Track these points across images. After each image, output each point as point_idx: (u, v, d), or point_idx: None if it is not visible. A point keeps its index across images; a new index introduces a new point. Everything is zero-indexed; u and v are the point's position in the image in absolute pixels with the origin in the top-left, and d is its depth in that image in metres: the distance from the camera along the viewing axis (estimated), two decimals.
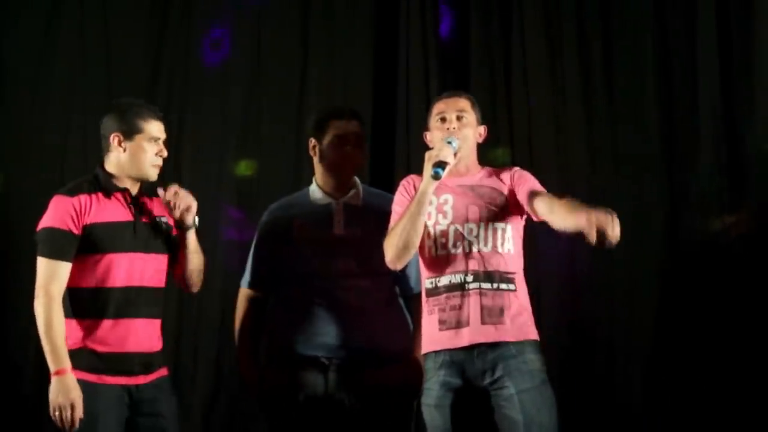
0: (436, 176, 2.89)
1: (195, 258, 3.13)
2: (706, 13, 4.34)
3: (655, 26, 4.43)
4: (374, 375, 3.10)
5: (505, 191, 3.06)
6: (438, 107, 3.14)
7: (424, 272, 3.06)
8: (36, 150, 4.61)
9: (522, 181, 3.04)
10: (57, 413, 2.85)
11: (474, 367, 2.92)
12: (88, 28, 4.72)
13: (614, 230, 2.60)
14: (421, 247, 3.03)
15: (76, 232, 2.95)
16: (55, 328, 2.89)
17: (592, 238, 2.60)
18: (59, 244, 2.94)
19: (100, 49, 4.71)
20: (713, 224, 4.26)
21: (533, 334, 2.99)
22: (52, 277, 2.92)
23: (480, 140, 3.16)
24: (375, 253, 3.03)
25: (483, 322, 2.92)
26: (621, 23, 4.50)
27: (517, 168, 3.15)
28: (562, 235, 2.83)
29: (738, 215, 4.22)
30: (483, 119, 3.16)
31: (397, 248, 2.94)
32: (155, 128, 3.06)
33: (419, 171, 3.07)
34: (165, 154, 3.08)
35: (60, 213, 2.96)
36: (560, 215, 2.81)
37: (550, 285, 4.28)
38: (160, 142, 3.07)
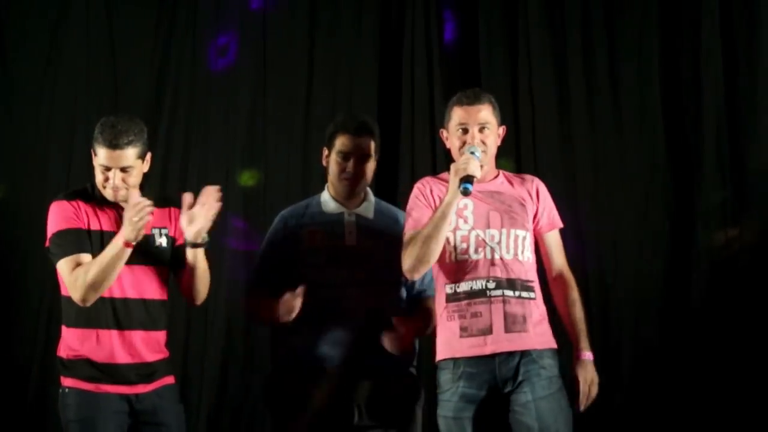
0: (465, 192, 2.85)
1: (204, 274, 3.11)
2: (710, 25, 4.33)
3: (660, 38, 4.42)
4: (380, 385, 3.09)
5: (527, 203, 3.05)
6: (459, 114, 3.08)
7: (442, 277, 3.02)
8: (41, 160, 4.61)
9: (544, 207, 3.09)
10: (136, 220, 2.84)
11: (496, 377, 2.91)
12: (94, 36, 4.72)
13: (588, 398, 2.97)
14: (443, 253, 2.99)
15: (84, 227, 2.96)
16: (98, 262, 2.88)
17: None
18: (73, 242, 2.94)
19: (106, 57, 4.71)
20: (717, 237, 4.23)
21: (554, 343, 3.00)
22: (75, 266, 2.91)
23: (499, 142, 3.13)
24: (384, 265, 3.05)
25: (507, 330, 2.91)
26: (626, 33, 4.49)
27: (536, 182, 3.14)
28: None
29: (741, 228, 4.20)
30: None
31: (416, 259, 2.91)
32: (101, 155, 2.98)
33: (423, 177, 3.09)
34: (110, 185, 2.99)
35: (63, 215, 2.97)
36: (555, 298, 3.12)
37: None
38: (111, 171, 2.98)
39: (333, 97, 4.69)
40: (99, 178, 3.01)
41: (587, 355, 3.01)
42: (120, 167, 2.98)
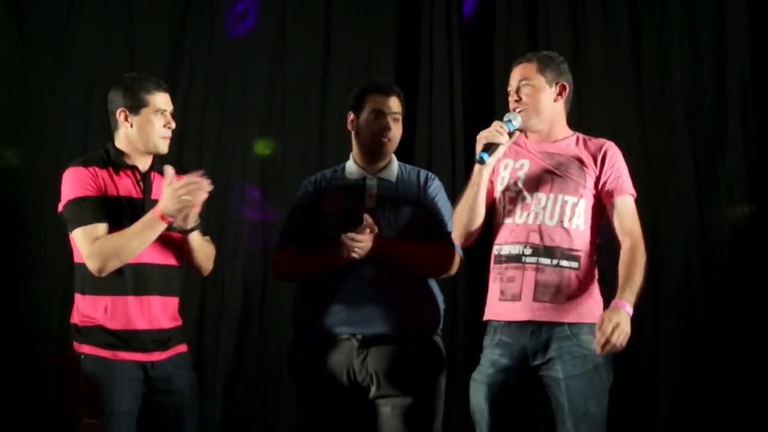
0: (480, 161, 2.85)
1: (202, 254, 3.11)
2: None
3: (683, 15, 4.35)
4: (398, 353, 3.06)
5: (588, 168, 2.94)
6: (510, 78, 3.05)
7: (494, 237, 3.01)
8: (57, 126, 4.61)
9: (609, 173, 2.94)
10: (188, 198, 2.88)
11: (527, 347, 2.88)
12: (111, 2, 4.69)
13: (615, 341, 2.72)
14: (495, 213, 3.00)
15: (101, 195, 2.95)
16: (130, 232, 2.89)
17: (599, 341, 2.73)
18: (89, 210, 2.92)
19: (124, 24, 4.68)
20: (737, 212, 4.20)
21: (593, 318, 2.86)
22: (93, 237, 2.90)
23: (561, 99, 3.02)
24: (404, 228, 3.06)
25: (535, 299, 2.87)
26: (649, 5, 4.42)
27: (607, 146, 2.99)
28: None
29: (758, 204, 4.15)
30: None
31: (459, 230, 2.98)
32: (160, 100, 3.05)
33: (441, 151, 3.04)
34: (173, 125, 3.08)
35: (79, 182, 2.96)
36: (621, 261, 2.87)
37: None
38: (167, 113, 3.06)
39: (350, 67, 4.65)
40: (158, 125, 3.03)
41: (622, 303, 2.76)
42: (171, 110, 3.08)
